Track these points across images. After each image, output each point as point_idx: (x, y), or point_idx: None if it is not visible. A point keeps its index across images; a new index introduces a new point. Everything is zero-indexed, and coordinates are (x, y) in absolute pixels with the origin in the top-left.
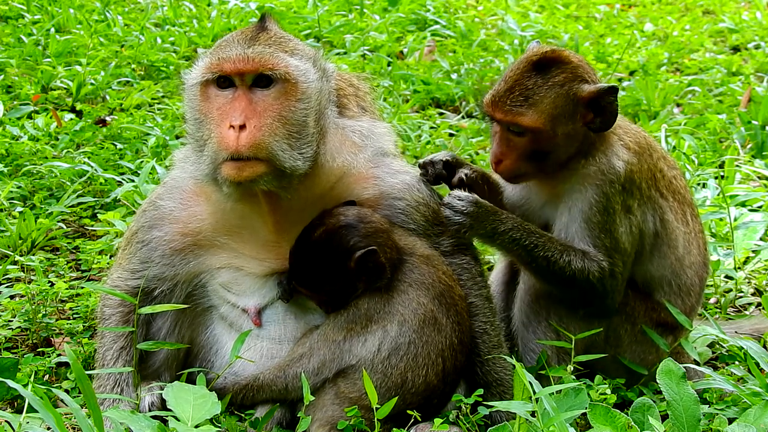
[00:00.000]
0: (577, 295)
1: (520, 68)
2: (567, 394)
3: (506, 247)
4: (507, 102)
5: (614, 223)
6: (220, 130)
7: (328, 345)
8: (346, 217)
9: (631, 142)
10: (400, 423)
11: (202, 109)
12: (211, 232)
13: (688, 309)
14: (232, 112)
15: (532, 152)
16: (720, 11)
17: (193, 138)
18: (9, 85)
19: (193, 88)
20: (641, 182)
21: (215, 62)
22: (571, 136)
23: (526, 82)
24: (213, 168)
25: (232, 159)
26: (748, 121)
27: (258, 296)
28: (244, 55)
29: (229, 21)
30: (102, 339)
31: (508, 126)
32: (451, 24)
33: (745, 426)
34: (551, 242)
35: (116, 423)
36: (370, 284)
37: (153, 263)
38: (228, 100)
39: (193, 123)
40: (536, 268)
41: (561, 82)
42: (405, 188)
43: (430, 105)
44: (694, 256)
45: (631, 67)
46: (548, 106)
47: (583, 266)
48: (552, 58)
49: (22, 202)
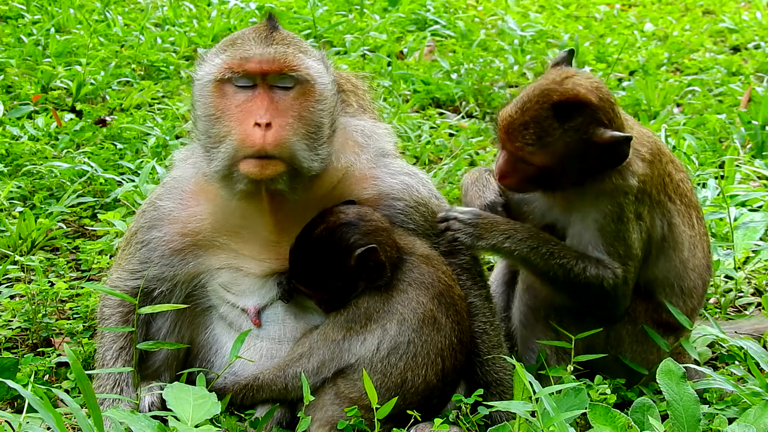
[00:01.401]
0: (588, 302)
1: (539, 103)
2: (567, 394)
3: (523, 255)
4: (519, 137)
5: (627, 231)
6: (244, 127)
7: (327, 344)
8: (346, 215)
9: (646, 151)
10: (400, 423)
11: (219, 106)
12: (211, 232)
13: (689, 310)
14: (257, 110)
15: (537, 178)
16: (720, 11)
17: (204, 134)
18: (9, 85)
19: (208, 85)
20: (652, 189)
21: (237, 61)
22: (580, 169)
23: (542, 123)
24: (229, 164)
25: (254, 156)
26: (748, 121)
27: (257, 296)
28: (268, 55)
29: (229, 21)
30: (102, 339)
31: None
32: (451, 24)
33: (745, 426)
34: (566, 249)
35: (116, 423)
36: (370, 283)
37: (152, 264)
38: (248, 98)
39: (207, 120)
40: (552, 276)
41: (577, 127)
42: (404, 189)
43: (430, 105)
44: (699, 259)
45: (631, 67)
46: (560, 148)
47: (598, 273)
48: (573, 103)
49: (22, 202)
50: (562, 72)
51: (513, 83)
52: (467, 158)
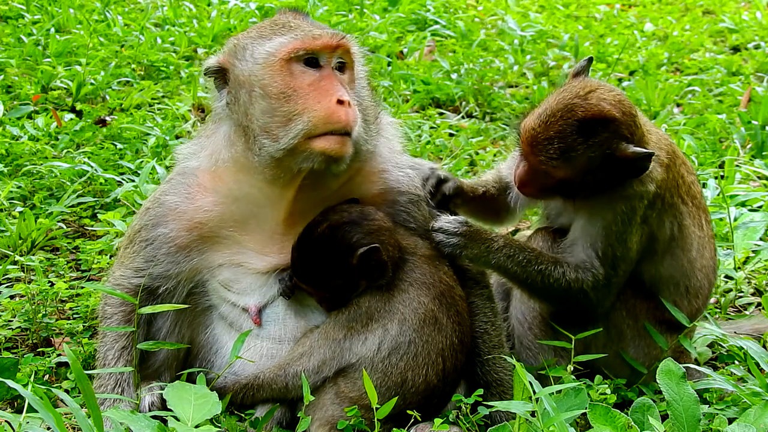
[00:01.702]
0: (568, 305)
1: (563, 118)
2: (567, 394)
3: (502, 264)
4: (543, 152)
5: (630, 234)
6: (327, 104)
7: (328, 343)
8: (349, 214)
9: (665, 156)
10: (400, 423)
11: (290, 84)
12: (217, 223)
13: (694, 311)
14: (334, 89)
15: (558, 188)
16: (720, 11)
17: (266, 114)
18: (9, 85)
19: (274, 64)
20: (665, 192)
21: (308, 39)
22: (601, 180)
23: (567, 138)
24: (301, 142)
25: (337, 133)
26: (748, 121)
27: (258, 294)
28: (333, 35)
29: (229, 21)
30: (103, 338)
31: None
32: (451, 24)
33: (745, 426)
34: (542, 256)
35: (116, 423)
36: (372, 282)
37: (158, 261)
38: (317, 77)
39: (276, 98)
40: (531, 283)
41: (601, 142)
42: (409, 182)
43: (430, 105)
44: (707, 260)
45: (631, 67)
46: (583, 162)
47: (577, 277)
48: (598, 119)
49: (22, 202)
50: (585, 85)
51: (513, 83)
52: (467, 158)
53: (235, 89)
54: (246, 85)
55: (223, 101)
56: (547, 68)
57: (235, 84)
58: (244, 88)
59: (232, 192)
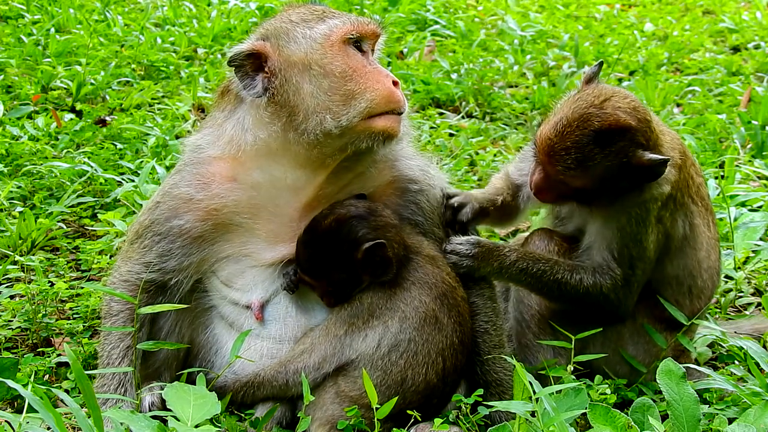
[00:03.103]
0: (590, 307)
1: (579, 128)
2: (567, 394)
3: (516, 278)
4: (560, 162)
5: (646, 234)
6: (386, 85)
7: (329, 340)
8: (356, 209)
9: (678, 156)
10: (400, 423)
11: (350, 64)
12: (232, 209)
13: (696, 311)
14: (385, 71)
15: (574, 194)
16: (720, 11)
17: (329, 92)
18: (9, 85)
19: (335, 44)
20: (677, 192)
21: (362, 23)
22: (617, 186)
23: (584, 149)
24: (361, 120)
25: (396, 113)
26: (748, 121)
27: (261, 289)
28: (378, 23)
29: (229, 21)
30: (108, 336)
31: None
32: (451, 24)
33: (745, 426)
34: (558, 265)
35: (116, 423)
36: (375, 278)
37: (172, 255)
38: (364, 61)
39: (337, 76)
40: (548, 292)
41: (618, 151)
42: (420, 172)
43: (430, 105)
44: (713, 261)
45: (631, 67)
46: (600, 171)
47: (595, 281)
48: (614, 129)
49: (22, 202)
50: (600, 93)
51: (513, 83)
52: (467, 158)
53: (282, 70)
54: (299, 65)
55: (258, 85)
56: (547, 68)
57: (281, 65)
58: (296, 68)
59: (253, 177)
